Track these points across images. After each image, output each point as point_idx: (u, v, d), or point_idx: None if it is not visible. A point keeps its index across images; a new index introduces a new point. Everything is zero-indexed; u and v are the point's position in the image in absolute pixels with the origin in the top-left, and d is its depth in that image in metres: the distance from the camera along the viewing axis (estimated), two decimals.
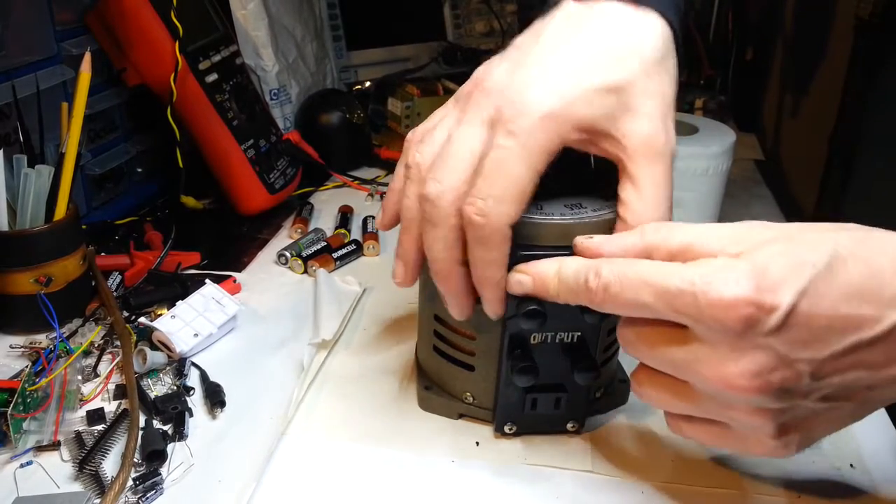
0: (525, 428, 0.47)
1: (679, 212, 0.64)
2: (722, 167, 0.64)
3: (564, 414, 0.46)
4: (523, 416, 0.46)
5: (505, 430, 0.47)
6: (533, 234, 0.41)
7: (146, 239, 0.71)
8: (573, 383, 0.44)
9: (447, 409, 0.49)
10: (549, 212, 0.42)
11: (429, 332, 0.49)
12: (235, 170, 0.75)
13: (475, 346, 0.46)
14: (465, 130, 0.40)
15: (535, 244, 0.41)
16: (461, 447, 0.47)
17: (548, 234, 0.41)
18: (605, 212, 0.42)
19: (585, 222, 0.42)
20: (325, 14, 1.05)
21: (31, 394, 0.46)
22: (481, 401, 0.48)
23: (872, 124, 0.80)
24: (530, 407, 0.46)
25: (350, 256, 0.70)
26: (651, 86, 0.40)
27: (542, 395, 0.45)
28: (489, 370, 0.46)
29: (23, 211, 0.55)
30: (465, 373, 0.48)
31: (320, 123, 0.91)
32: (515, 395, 0.45)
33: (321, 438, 0.47)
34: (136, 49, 0.69)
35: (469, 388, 0.48)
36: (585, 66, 0.39)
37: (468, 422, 0.49)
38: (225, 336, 0.58)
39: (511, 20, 1.24)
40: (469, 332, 0.46)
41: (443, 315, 0.47)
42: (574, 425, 0.47)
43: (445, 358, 0.48)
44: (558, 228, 0.41)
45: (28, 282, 0.54)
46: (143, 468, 0.44)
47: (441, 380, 0.50)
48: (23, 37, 0.63)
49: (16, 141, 0.59)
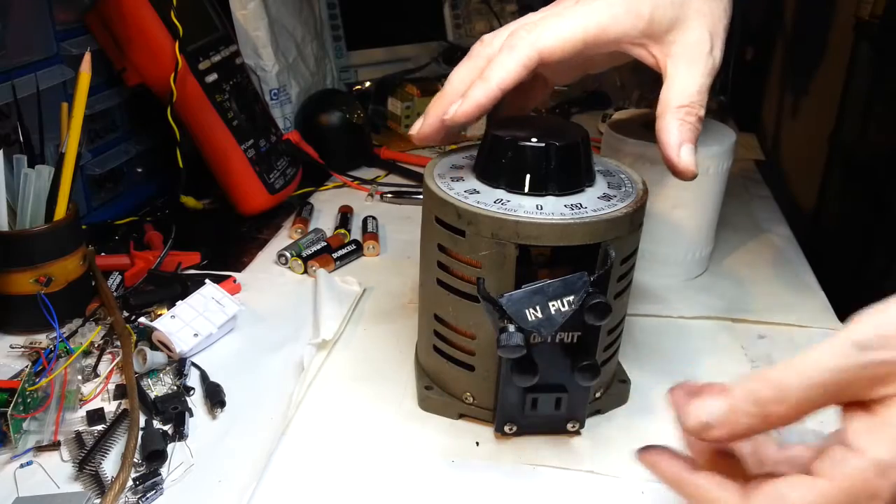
0: (525, 428, 0.47)
1: (679, 211, 0.65)
2: (722, 167, 0.64)
3: (565, 414, 0.46)
4: (524, 417, 0.46)
5: (505, 430, 0.47)
6: (534, 233, 0.41)
7: (146, 239, 0.71)
8: (574, 383, 0.44)
9: (447, 409, 0.49)
10: (550, 211, 0.42)
11: (429, 332, 0.49)
12: (235, 170, 0.75)
13: (475, 346, 0.46)
14: (545, 7, 0.47)
15: (537, 244, 0.42)
16: (461, 447, 0.47)
17: (549, 233, 0.42)
18: (605, 211, 0.43)
19: (586, 221, 0.42)
20: (325, 14, 1.05)
21: (31, 394, 0.46)
22: (481, 401, 0.48)
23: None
24: (531, 407, 0.45)
25: (350, 256, 0.70)
26: (705, 7, 0.46)
27: (542, 395, 0.45)
28: (489, 370, 0.46)
29: (23, 211, 0.55)
30: (465, 373, 0.48)
31: (320, 123, 0.91)
32: (516, 396, 0.45)
33: (321, 438, 0.47)
34: (136, 49, 0.69)
35: (469, 389, 0.48)
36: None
37: (468, 422, 0.49)
38: (225, 336, 0.58)
39: (511, 20, 1.24)
40: (469, 332, 0.46)
41: (443, 315, 0.47)
42: (574, 425, 0.47)
43: (445, 358, 0.48)
44: (559, 228, 0.41)
45: (28, 282, 0.54)
46: (143, 468, 0.44)
47: (441, 380, 0.50)
48: (23, 37, 0.63)
49: (16, 141, 0.59)
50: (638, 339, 0.59)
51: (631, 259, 0.46)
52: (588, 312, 0.41)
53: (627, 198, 0.45)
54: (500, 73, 0.44)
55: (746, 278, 0.69)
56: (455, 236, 0.44)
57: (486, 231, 0.42)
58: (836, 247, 1.13)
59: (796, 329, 0.61)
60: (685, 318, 0.62)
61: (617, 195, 0.45)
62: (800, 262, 0.73)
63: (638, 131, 0.66)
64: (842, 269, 0.91)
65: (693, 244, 0.67)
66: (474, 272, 0.44)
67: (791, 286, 0.68)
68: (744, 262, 0.72)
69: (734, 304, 0.64)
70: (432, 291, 0.47)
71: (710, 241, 0.68)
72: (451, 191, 0.45)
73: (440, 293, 0.46)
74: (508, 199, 0.44)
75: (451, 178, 0.47)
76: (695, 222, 0.66)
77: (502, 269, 0.43)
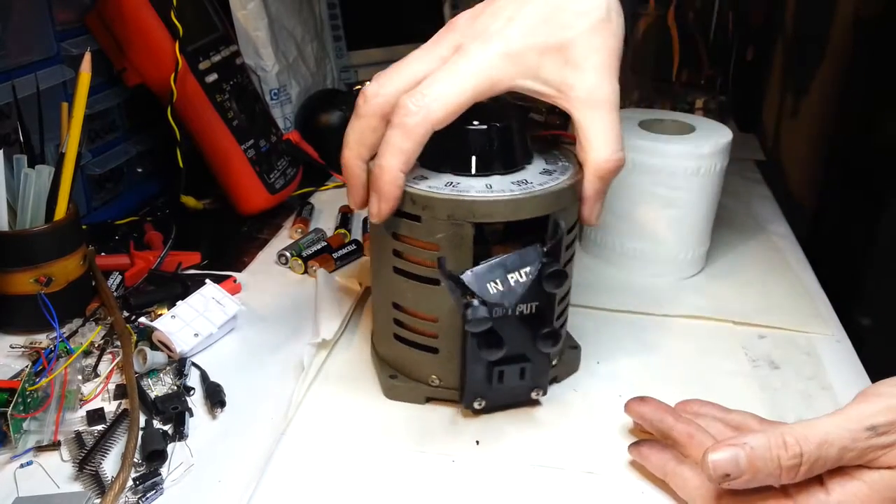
0: (493, 402, 0.48)
1: (671, 211, 0.65)
2: (715, 167, 0.64)
3: (529, 383, 0.48)
4: (491, 390, 0.47)
5: (475, 406, 0.48)
6: (488, 211, 0.44)
7: (146, 239, 0.71)
8: (535, 352, 0.46)
9: (413, 394, 0.50)
10: (500, 189, 0.45)
11: (387, 321, 0.50)
12: (235, 170, 0.75)
13: (437, 329, 0.48)
14: (422, 54, 0.45)
15: (492, 220, 0.45)
16: (461, 446, 0.47)
17: (503, 209, 0.44)
18: (550, 185, 0.46)
19: (536, 195, 0.45)
20: (325, 14, 1.05)
21: (32, 394, 0.46)
22: (447, 381, 0.49)
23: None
24: (497, 380, 0.47)
25: (350, 256, 0.70)
26: (595, 41, 0.44)
27: (507, 367, 0.47)
28: (452, 350, 0.48)
29: (23, 211, 0.55)
30: (428, 356, 0.49)
31: (320, 123, 0.91)
32: (482, 371, 0.47)
33: (321, 438, 0.47)
34: (136, 49, 0.69)
35: (434, 371, 0.49)
36: (538, 25, 0.44)
37: (469, 421, 0.49)
38: (225, 336, 0.58)
39: None
40: (430, 315, 0.47)
41: (402, 302, 0.48)
42: (538, 393, 0.49)
43: (408, 344, 0.49)
44: (512, 204, 0.44)
45: (28, 282, 0.54)
46: (143, 468, 0.44)
47: (405, 367, 0.51)
48: (23, 37, 0.63)
49: (16, 141, 0.59)
50: (620, 335, 0.59)
51: (574, 229, 0.50)
52: (546, 281, 0.44)
53: (566, 171, 0.48)
54: (400, 158, 0.43)
55: (745, 278, 0.69)
56: (410, 222, 0.45)
57: (442, 213, 0.44)
58: (836, 247, 1.13)
59: (795, 332, 0.61)
60: (669, 315, 0.62)
61: (556, 170, 0.48)
62: (799, 261, 0.73)
63: (633, 130, 0.66)
64: (842, 269, 0.91)
65: (686, 244, 0.67)
66: (431, 255, 0.45)
67: (790, 286, 0.67)
68: (743, 262, 0.72)
69: (728, 304, 0.64)
70: (388, 280, 0.48)
71: (704, 241, 0.68)
72: None
73: (397, 281, 0.48)
74: (458, 181, 0.46)
75: None
76: (687, 222, 0.66)
77: (460, 249, 0.45)
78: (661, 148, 0.63)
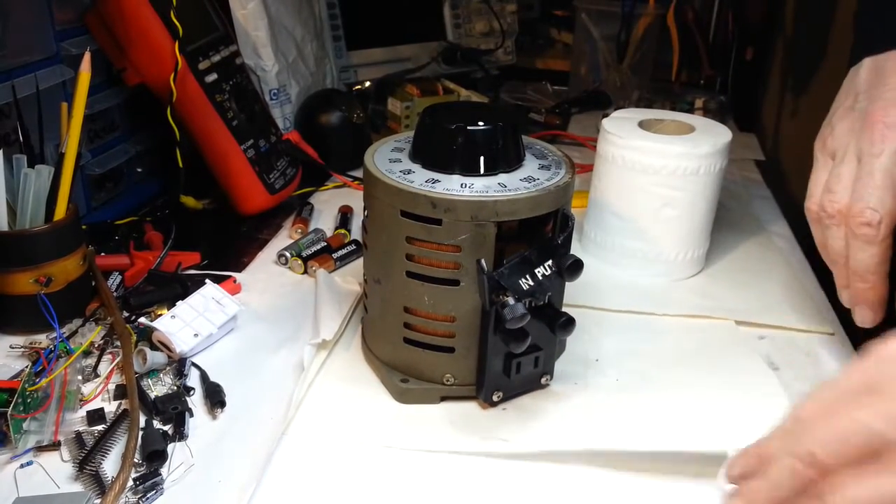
0: (508, 392, 0.49)
1: (670, 211, 0.65)
2: (714, 167, 0.64)
3: (540, 370, 0.49)
4: (508, 382, 0.48)
5: (493, 398, 0.48)
6: (509, 210, 0.45)
7: (146, 239, 0.71)
8: (547, 341, 0.48)
9: (428, 395, 0.50)
10: (514, 188, 0.45)
11: (395, 326, 0.50)
12: (235, 170, 0.75)
13: (455, 328, 0.48)
14: (878, 160, 0.47)
15: (513, 219, 0.45)
16: (463, 445, 0.47)
17: (523, 207, 0.45)
18: (555, 180, 0.47)
19: (550, 191, 0.46)
20: (325, 14, 1.05)
21: (32, 394, 0.46)
22: (463, 379, 0.49)
23: None
24: (516, 371, 0.48)
25: (350, 256, 0.70)
26: None
27: (524, 357, 0.47)
28: (469, 348, 0.48)
29: (23, 211, 0.55)
30: (443, 356, 0.49)
31: (320, 123, 0.91)
32: (500, 364, 0.47)
33: (321, 438, 0.47)
34: (136, 49, 0.69)
35: (449, 370, 0.49)
36: None
37: (469, 421, 0.49)
38: (225, 336, 0.58)
39: (511, 20, 1.24)
40: (448, 316, 0.48)
41: (416, 305, 0.48)
42: (546, 378, 0.50)
43: (421, 346, 0.49)
44: (531, 201, 0.45)
45: (28, 282, 0.54)
46: (143, 468, 0.44)
47: (417, 369, 0.50)
48: (23, 37, 0.63)
49: (16, 141, 0.59)
50: (620, 335, 0.59)
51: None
52: (567, 272, 0.45)
53: (561, 165, 0.49)
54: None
55: (745, 278, 0.69)
56: (429, 226, 0.45)
57: (465, 215, 0.44)
58: None
59: (795, 332, 0.61)
60: (669, 315, 0.62)
61: (551, 165, 0.49)
62: (799, 262, 0.73)
63: (632, 130, 0.66)
64: None
65: (686, 243, 0.67)
66: (450, 257, 0.45)
67: (790, 286, 0.68)
68: (743, 262, 0.72)
69: (728, 304, 0.64)
70: (401, 285, 0.48)
71: (704, 242, 0.68)
72: (413, 183, 0.46)
73: (412, 285, 0.48)
74: (471, 182, 0.46)
75: (401, 172, 0.48)
76: (686, 222, 0.66)
77: (482, 249, 0.45)
78: (660, 148, 0.63)
